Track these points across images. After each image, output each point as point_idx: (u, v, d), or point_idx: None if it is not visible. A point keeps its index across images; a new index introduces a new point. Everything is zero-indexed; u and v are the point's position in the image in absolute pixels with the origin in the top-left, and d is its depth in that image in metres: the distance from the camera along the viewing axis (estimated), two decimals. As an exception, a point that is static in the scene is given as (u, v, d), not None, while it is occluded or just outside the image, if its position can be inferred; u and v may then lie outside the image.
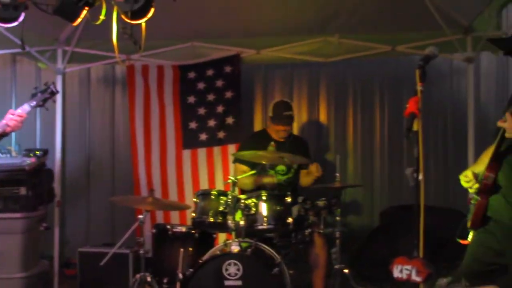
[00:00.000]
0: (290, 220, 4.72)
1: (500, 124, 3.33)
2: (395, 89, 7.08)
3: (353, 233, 6.77)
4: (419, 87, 2.97)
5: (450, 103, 7.14)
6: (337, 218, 4.94)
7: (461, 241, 3.62)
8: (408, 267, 2.85)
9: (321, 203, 4.92)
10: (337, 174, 5.02)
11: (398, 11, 5.69)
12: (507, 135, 3.35)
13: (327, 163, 6.97)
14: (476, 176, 3.55)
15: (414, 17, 5.75)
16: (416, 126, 2.91)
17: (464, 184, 3.62)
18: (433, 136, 7.09)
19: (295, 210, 5.01)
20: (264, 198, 4.72)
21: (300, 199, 5.12)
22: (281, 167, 5.54)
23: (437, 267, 3.01)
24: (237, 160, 5.63)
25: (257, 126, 7.11)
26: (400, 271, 2.87)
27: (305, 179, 5.62)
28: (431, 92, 6.83)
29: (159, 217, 6.44)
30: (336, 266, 4.90)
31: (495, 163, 3.41)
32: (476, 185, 3.51)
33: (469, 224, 3.58)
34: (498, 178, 3.42)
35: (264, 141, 5.44)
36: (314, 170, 5.35)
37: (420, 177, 2.86)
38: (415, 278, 2.82)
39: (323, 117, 7.25)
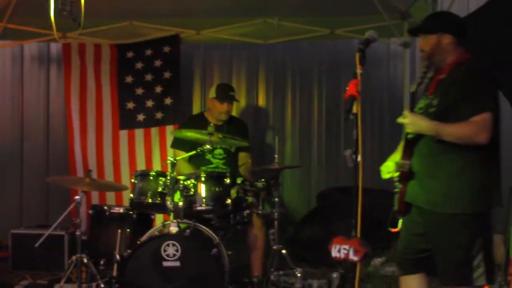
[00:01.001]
0: (228, 201, 4.73)
1: (399, 120, 3.42)
2: (334, 72, 7.17)
3: (291, 214, 6.87)
4: (358, 70, 3.00)
5: (387, 87, 7.28)
6: (275, 199, 4.97)
7: (392, 230, 3.67)
8: (346, 246, 2.89)
9: (259, 184, 4.94)
10: (276, 156, 5.05)
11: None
12: (407, 130, 3.47)
13: (265, 144, 7.00)
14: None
15: (352, 1, 5.81)
16: (355, 108, 2.95)
17: (384, 176, 3.71)
18: (369, 120, 7.21)
19: (233, 191, 5.02)
20: (203, 179, 4.71)
21: (239, 180, 5.14)
22: (219, 151, 5.53)
23: (372, 248, 3.08)
24: (174, 146, 5.60)
25: (196, 106, 7.09)
26: (338, 250, 2.92)
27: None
28: (368, 76, 6.94)
29: (94, 198, 6.35)
30: (274, 247, 4.94)
31: (408, 150, 3.50)
32: (396, 174, 3.60)
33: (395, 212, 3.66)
34: (412, 164, 3.50)
35: (202, 124, 5.42)
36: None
37: (359, 158, 2.91)
38: (353, 257, 2.87)
39: (261, 99, 7.28)
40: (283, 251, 4.94)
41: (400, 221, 3.68)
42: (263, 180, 4.98)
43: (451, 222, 3.43)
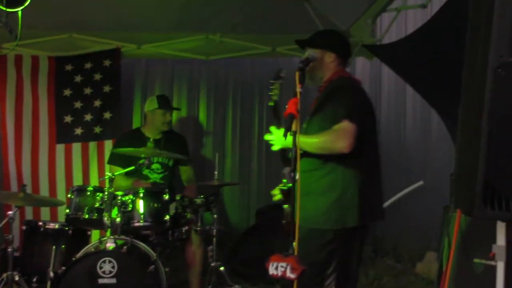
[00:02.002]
0: (167, 217, 4.69)
1: (266, 137, 3.51)
2: (275, 90, 7.20)
3: (230, 231, 6.85)
4: (298, 89, 3.03)
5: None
6: (214, 216, 4.96)
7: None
8: (283, 264, 2.90)
9: (198, 200, 4.92)
10: (216, 172, 5.05)
11: (280, 13, 5.79)
12: (273, 148, 3.55)
13: (205, 160, 6.98)
14: None
15: (294, 20, 5.87)
16: (294, 126, 2.97)
17: (274, 198, 3.74)
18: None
19: (172, 207, 4.98)
20: (141, 195, 4.66)
21: (178, 196, 5.11)
22: (156, 166, 5.49)
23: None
24: (111, 161, 5.54)
25: (136, 121, 7.01)
26: (276, 268, 2.92)
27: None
28: (307, 93, 7.00)
29: (29, 213, 6.18)
30: (212, 264, 4.92)
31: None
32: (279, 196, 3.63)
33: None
34: None
35: (139, 140, 5.40)
36: None
37: (297, 176, 2.92)
38: (290, 275, 2.87)
39: (202, 115, 7.26)
40: (221, 268, 4.92)
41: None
42: (202, 196, 4.95)
43: (309, 238, 3.43)
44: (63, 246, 4.73)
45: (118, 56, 6.43)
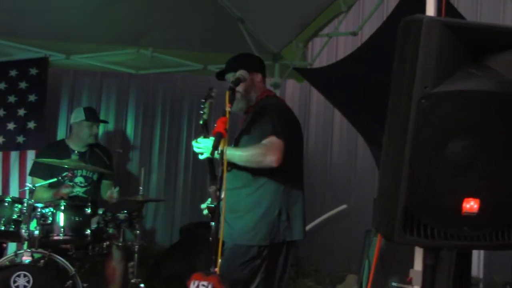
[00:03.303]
0: (88, 231, 4.60)
1: (195, 148, 3.62)
2: (205, 108, 7.19)
3: (153, 247, 6.77)
4: (227, 108, 3.05)
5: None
6: (137, 232, 4.89)
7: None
8: (205, 283, 2.89)
9: (121, 215, 4.84)
10: (141, 188, 4.99)
11: (213, 32, 5.81)
12: (200, 157, 3.64)
13: (131, 175, 6.89)
14: None
15: (228, 39, 5.89)
16: (222, 145, 2.98)
17: (205, 212, 3.76)
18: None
19: (94, 221, 4.88)
20: (62, 208, 4.55)
21: (100, 210, 5.01)
22: (80, 179, 5.38)
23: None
24: (33, 173, 5.40)
25: (61, 132, 6.85)
26: (197, 286, 2.90)
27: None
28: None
29: None
30: (133, 280, 4.84)
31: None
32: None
33: None
34: None
35: (63, 152, 5.29)
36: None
37: (223, 195, 2.93)
38: (211, 294, 2.87)
39: (130, 129, 7.17)
40: (142, 285, 4.84)
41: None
42: (125, 211, 4.88)
43: (234, 253, 3.50)
44: (-25, 259, 4.56)
45: (46, 65, 6.28)
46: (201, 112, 3.57)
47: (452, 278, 4.16)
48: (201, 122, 3.58)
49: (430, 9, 2.61)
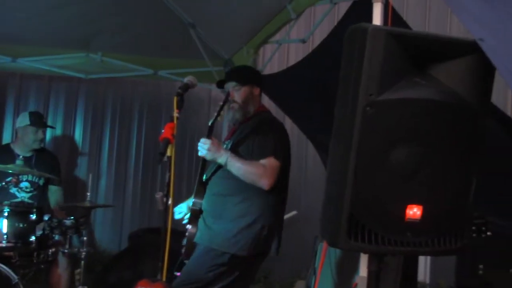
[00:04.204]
0: (32, 238, 4.50)
1: (200, 146, 3.67)
2: (155, 113, 7.16)
3: (101, 254, 6.68)
4: (175, 114, 3.04)
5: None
6: (84, 238, 4.81)
7: (178, 274, 3.66)
8: (151, 290, 2.86)
9: (68, 222, 4.75)
10: (88, 194, 4.92)
11: (163, 37, 5.77)
12: (200, 153, 3.66)
13: (79, 181, 6.79)
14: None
15: (179, 45, 5.88)
16: (170, 151, 2.95)
17: (176, 216, 3.80)
18: (187, 161, 7.25)
19: (40, 228, 4.78)
20: (6, 214, 4.44)
21: (46, 216, 4.91)
22: (25, 184, 5.27)
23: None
24: None
25: (6, 137, 6.71)
26: (143, 294, 2.87)
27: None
28: (189, 118, 7.03)
29: None
30: (79, 288, 4.76)
31: (201, 190, 3.67)
32: (188, 215, 3.71)
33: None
34: (202, 203, 3.67)
35: (8, 156, 5.18)
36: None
37: (170, 201, 2.90)
38: (157, 301, 2.84)
39: (78, 133, 7.07)
40: (88, 292, 4.77)
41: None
42: (72, 217, 4.80)
43: (206, 254, 3.54)
44: None
45: (-10, 68, 6.14)
46: (217, 114, 3.69)
47: (399, 283, 4.22)
48: (209, 122, 3.69)
49: (377, 18, 2.64)
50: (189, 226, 3.67)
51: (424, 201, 2.18)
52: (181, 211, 3.88)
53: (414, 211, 2.17)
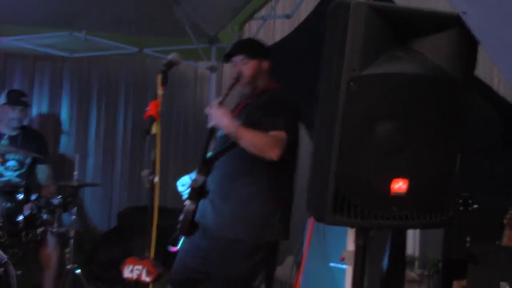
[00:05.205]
0: (20, 218, 4.50)
1: (207, 110, 3.55)
2: (141, 91, 7.13)
3: (90, 232, 6.69)
4: (160, 91, 3.02)
5: (193, 108, 7.38)
6: (72, 217, 4.82)
7: (172, 249, 3.62)
8: (139, 267, 2.87)
9: (55, 201, 4.75)
10: (75, 173, 4.91)
11: (148, 15, 5.74)
12: (210, 123, 3.57)
13: (66, 160, 6.78)
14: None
15: (163, 22, 5.84)
16: (155, 129, 2.94)
17: (180, 188, 3.72)
18: (174, 138, 7.26)
19: (28, 207, 4.77)
20: (-7, 193, 4.45)
21: (34, 196, 4.90)
22: (12, 162, 5.25)
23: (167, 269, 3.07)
24: None
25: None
26: (131, 271, 2.88)
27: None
28: (176, 96, 7.02)
29: None
30: (69, 266, 4.78)
31: (204, 167, 3.52)
32: (187, 190, 3.64)
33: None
34: (207, 182, 3.53)
35: (-6, 135, 5.16)
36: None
37: (156, 179, 2.90)
38: (145, 278, 2.85)
39: (64, 112, 7.04)
40: (78, 271, 4.78)
41: (182, 241, 3.67)
42: (59, 196, 4.79)
43: (234, 248, 3.44)
44: None
45: (-26, 47, 6.08)
46: (228, 90, 3.56)
47: (388, 257, 4.27)
48: (219, 101, 3.52)
49: (360, -7, 2.64)
50: (187, 202, 3.58)
51: (409, 175, 2.18)
52: (184, 183, 3.72)
53: (399, 185, 2.18)
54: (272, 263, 3.69)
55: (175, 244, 3.64)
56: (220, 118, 3.41)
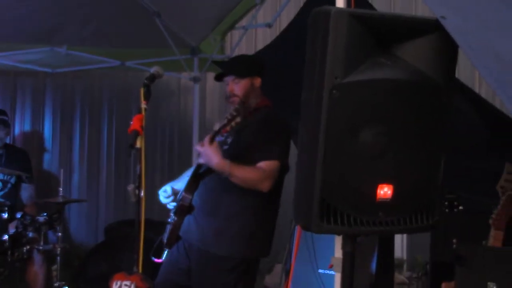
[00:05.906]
0: (5, 237, 4.46)
1: (197, 147, 3.45)
2: (124, 104, 7.11)
3: (78, 248, 6.64)
4: (143, 105, 3.00)
5: (178, 119, 7.37)
6: (58, 234, 4.79)
7: (156, 260, 3.59)
8: (127, 282, 2.85)
9: (41, 218, 4.72)
10: (60, 189, 4.88)
11: (130, 28, 5.72)
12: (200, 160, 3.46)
13: (51, 176, 6.73)
14: (176, 192, 3.62)
15: (145, 34, 5.83)
16: (139, 143, 2.92)
17: (162, 199, 3.68)
18: (160, 150, 7.24)
19: (13, 226, 4.74)
20: (-23, 213, 4.40)
21: (18, 214, 4.86)
22: (-5, 182, 5.23)
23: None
24: None
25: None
26: (119, 286, 2.86)
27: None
28: (160, 108, 7.00)
29: None
30: (56, 284, 4.74)
31: (193, 185, 3.45)
32: (173, 203, 3.59)
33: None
34: (194, 198, 3.46)
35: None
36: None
37: (142, 193, 2.88)
38: (134, 293, 2.83)
39: (48, 129, 6.99)
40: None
41: (165, 253, 3.63)
42: (45, 214, 4.76)
43: (218, 264, 3.45)
44: None
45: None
46: (224, 121, 3.36)
47: (376, 260, 4.26)
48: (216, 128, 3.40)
49: (340, 1, 2.66)
50: (174, 217, 3.55)
51: (394, 180, 2.19)
52: (166, 193, 3.64)
53: (384, 191, 2.18)
54: (252, 277, 3.64)
55: (159, 256, 3.61)
56: (211, 157, 3.32)
